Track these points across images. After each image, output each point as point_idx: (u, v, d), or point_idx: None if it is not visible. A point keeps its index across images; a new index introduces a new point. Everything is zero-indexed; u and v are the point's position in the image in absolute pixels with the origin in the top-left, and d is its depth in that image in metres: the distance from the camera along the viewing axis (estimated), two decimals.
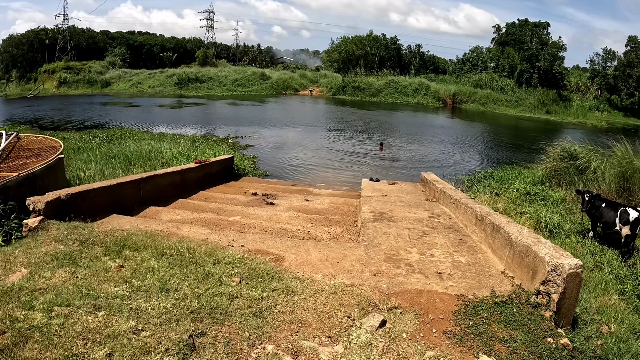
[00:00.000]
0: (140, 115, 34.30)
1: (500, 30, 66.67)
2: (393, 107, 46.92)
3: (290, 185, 11.96)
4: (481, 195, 11.91)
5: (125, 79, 70.51)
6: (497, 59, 61.38)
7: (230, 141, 20.95)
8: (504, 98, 53.50)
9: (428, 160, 19.36)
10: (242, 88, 60.13)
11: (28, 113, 37.46)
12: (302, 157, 18.33)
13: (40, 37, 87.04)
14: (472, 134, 30.37)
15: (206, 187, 10.58)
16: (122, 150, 14.94)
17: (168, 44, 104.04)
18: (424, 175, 10.74)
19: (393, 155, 19.81)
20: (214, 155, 13.95)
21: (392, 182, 11.02)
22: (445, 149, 22.86)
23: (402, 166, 17.78)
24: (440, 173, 16.21)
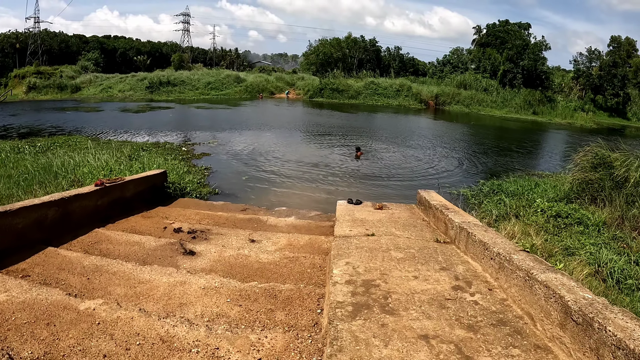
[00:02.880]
0: (98, 120, 30.99)
1: (480, 32, 64.58)
2: (373, 110, 43.68)
3: (240, 210, 8.51)
4: (502, 223, 8.56)
5: (95, 83, 67.07)
6: (478, 60, 59.11)
7: (184, 149, 17.45)
8: (489, 99, 51.00)
9: (417, 169, 15.93)
10: (216, 91, 57.10)
11: None
12: (267, 167, 14.77)
13: (11, 41, 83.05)
14: (461, 137, 26.91)
15: (113, 218, 7.14)
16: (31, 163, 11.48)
17: (143, 48, 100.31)
18: (424, 196, 7.32)
19: (375, 164, 16.30)
20: (143, 169, 10.49)
21: (379, 206, 7.60)
22: (435, 153, 19.42)
23: (387, 176, 14.30)
24: (435, 184, 13.05)
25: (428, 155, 18.94)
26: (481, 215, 9.88)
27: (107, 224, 6.97)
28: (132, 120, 30.63)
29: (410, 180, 13.98)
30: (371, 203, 7.88)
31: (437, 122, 36.49)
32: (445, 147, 21.38)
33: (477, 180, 14.43)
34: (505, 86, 53.78)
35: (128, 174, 9.99)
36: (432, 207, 6.66)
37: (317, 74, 65.03)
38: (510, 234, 7.46)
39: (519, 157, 20.70)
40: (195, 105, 43.30)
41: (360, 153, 17.49)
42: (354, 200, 7.87)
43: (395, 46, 77.71)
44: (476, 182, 14.11)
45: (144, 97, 55.09)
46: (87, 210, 6.82)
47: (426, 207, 7.04)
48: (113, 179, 7.73)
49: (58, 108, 42.60)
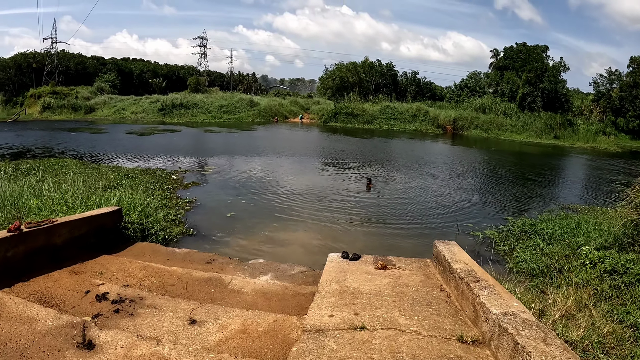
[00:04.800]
0: (100, 143, 29.65)
1: (498, 55, 62.94)
2: (389, 135, 41.67)
3: (204, 263, 6.70)
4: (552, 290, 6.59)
5: (109, 105, 66.59)
6: (496, 83, 57.39)
7: (174, 177, 15.77)
8: (508, 123, 48.66)
9: (434, 202, 13.79)
10: (228, 115, 55.89)
11: None
12: (261, 201, 12.86)
13: (28, 60, 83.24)
14: (481, 164, 24.82)
15: (30, 274, 5.39)
16: None
17: (160, 70, 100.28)
18: (443, 251, 5.41)
19: (385, 197, 14.19)
20: (100, 204, 8.77)
21: (381, 264, 5.73)
22: (454, 183, 17.35)
23: (398, 216, 12.06)
24: (453, 223, 11.13)
25: (446, 185, 16.89)
26: (516, 267, 7.98)
27: (18, 281, 5.24)
28: (133, 143, 29.22)
29: (425, 217, 11.95)
30: (372, 258, 6.02)
31: (455, 148, 34.39)
32: (464, 176, 19.30)
33: (503, 216, 12.40)
34: (524, 110, 51.54)
35: (80, 210, 8.26)
36: (454, 272, 4.78)
37: (333, 98, 63.45)
38: (565, 312, 5.53)
39: (547, 186, 18.61)
40: (204, 129, 41.87)
41: (371, 185, 15.63)
42: (349, 255, 6.03)
43: (412, 70, 76.42)
44: (502, 218, 12.09)
45: (156, 120, 54.18)
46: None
47: (445, 270, 5.17)
48: (36, 221, 5.99)
49: (66, 129, 41.76)
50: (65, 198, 9.25)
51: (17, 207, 8.41)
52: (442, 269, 5.34)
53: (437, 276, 5.42)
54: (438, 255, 5.60)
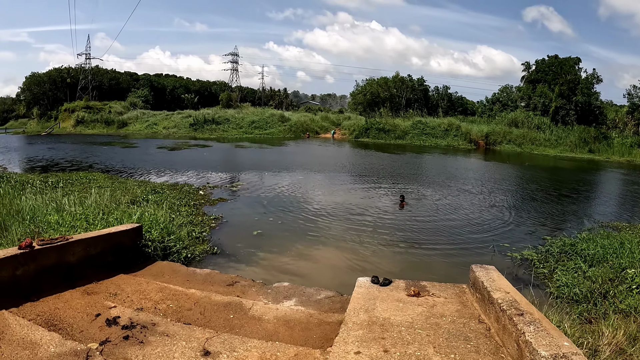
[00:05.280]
0: (130, 157, 30.12)
1: (529, 68, 61.79)
2: (421, 150, 41.01)
3: (225, 285, 6.37)
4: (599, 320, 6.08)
5: (142, 119, 67.88)
6: (528, 97, 56.35)
7: (202, 192, 15.59)
8: (541, 137, 47.45)
9: (468, 221, 13.21)
10: (259, 130, 56.17)
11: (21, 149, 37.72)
12: (289, 218, 12.56)
13: (63, 75, 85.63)
14: (516, 180, 24.00)
15: (40, 293, 5.18)
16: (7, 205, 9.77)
17: (192, 86, 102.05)
18: (481, 278, 4.94)
19: (418, 215, 13.68)
20: (121, 220, 8.56)
21: (414, 290, 5.31)
22: (488, 200, 16.70)
23: (431, 234, 11.56)
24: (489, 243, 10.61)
25: (479, 202, 16.26)
26: (557, 291, 7.44)
27: (27, 301, 5.02)
28: (163, 158, 29.49)
29: (459, 236, 11.36)
30: (404, 283, 5.60)
31: (488, 164, 33.50)
32: (498, 193, 18.56)
33: (540, 235, 11.75)
34: (557, 123, 50.26)
35: (100, 226, 8.07)
36: (494, 303, 4.33)
37: (364, 114, 63.36)
38: (616, 347, 5.01)
39: (583, 203, 17.79)
40: (235, 144, 42.08)
41: (405, 203, 15.14)
42: (380, 280, 5.62)
43: (443, 85, 76.02)
44: (539, 237, 11.44)
45: (187, 135, 54.85)
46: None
47: (484, 299, 4.72)
48: (49, 238, 5.78)
49: (98, 143, 42.55)
50: (86, 213, 9.11)
51: (36, 221, 8.28)
52: (480, 297, 4.88)
53: (474, 305, 4.98)
54: (475, 281, 5.15)
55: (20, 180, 16.36)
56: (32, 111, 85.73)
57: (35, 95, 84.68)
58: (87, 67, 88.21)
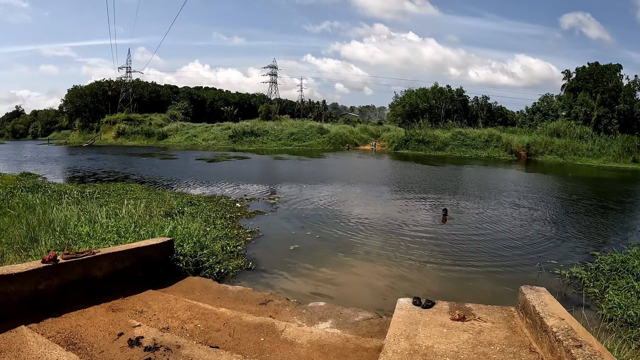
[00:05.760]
0: (169, 168, 30.65)
1: (570, 76, 60.31)
2: (461, 162, 40.17)
3: (258, 304, 6.04)
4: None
5: (182, 131, 69.13)
6: (569, 106, 55.17)
7: (238, 205, 15.42)
8: (584, 147, 46.22)
9: (512, 236, 12.41)
10: (298, 142, 56.40)
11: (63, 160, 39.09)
12: (327, 232, 12.14)
13: (104, 88, 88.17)
14: (558, 193, 22.86)
15: (62, 309, 4.98)
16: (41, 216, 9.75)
17: (232, 99, 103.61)
18: (531, 301, 4.42)
19: (459, 230, 13.03)
20: (152, 233, 8.35)
21: (459, 314, 4.84)
22: (531, 214, 15.78)
23: (474, 250, 10.88)
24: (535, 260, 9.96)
25: (522, 216, 15.38)
26: (609, 313, 6.84)
27: (48, 316, 4.82)
28: (202, 170, 29.64)
29: (503, 252, 10.66)
30: (448, 306, 5.15)
31: (529, 175, 32.30)
32: (541, 205, 17.60)
33: (587, 251, 10.93)
34: (600, 132, 48.95)
35: (131, 239, 7.88)
36: (547, 331, 3.84)
37: (403, 125, 63.10)
38: None
39: (629, 216, 16.71)
40: (273, 156, 42.24)
41: (447, 217, 14.57)
42: (422, 301, 5.19)
43: (482, 95, 75.14)
44: (587, 253, 10.65)
45: (226, 147, 55.44)
46: (16, 297, 4.72)
47: (535, 325, 4.23)
48: (75, 252, 5.58)
49: (137, 154, 43.32)
50: (117, 226, 8.96)
51: (67, 233, 8.16)
52: (531, 322, 4.40)
53: (524, 331, 4.49)
54: (526, 304, 4.66)
55: (57, 190, 16.57)
56: (74, 123, 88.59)
57: (78, 107, 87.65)
58: (127, 80, 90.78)
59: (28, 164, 35.21)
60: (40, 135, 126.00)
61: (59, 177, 25.33)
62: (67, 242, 7.61)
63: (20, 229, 8.58)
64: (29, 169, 28.99)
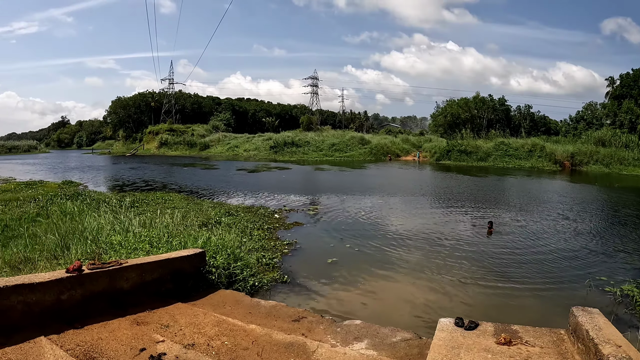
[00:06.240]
0: (209, 178, 30.94)
1: (614, 83, 58.52)
2: (504, 172, 39.02)
3: (290, 320, 5.73)
4: None
5: (223, 142, 70.14)
6: (613, 114, 53.67)
7: (277, 215, 15.20)
8: (630, 156, 44.32)
9: (558, 250, 11.63)
10: (340, 153, 56.34)
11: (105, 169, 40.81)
12: (366, 244, 11.77)
13: (147, 100, 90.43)
14: (605, 204, 21.63)
15: (85, 320, 4.80)
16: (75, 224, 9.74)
17: (273, 110, 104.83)
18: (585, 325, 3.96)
19: (503, 244, 12.35)
20: (185, 244, 8.16)
21: (504, 338, 4.40)
22: (577, 227, 14.89)
23: (518, 266, 10.17)
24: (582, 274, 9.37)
25: (568, 229, 14.55)
26: None
27: (70, 327, 4.64)
28: (242, 180, 29.77)
29: (549, 268, 9.99)
30: (493, 327, 4.72)
31: (574, 186, 30.89)
32: (588, 218, 16.58)
33: (638, 266, 10.30)
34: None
35: (163, 250, 7.71)
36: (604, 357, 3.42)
37: (445, 136, 62.58)
38: None
39: None
40: (314, 167, 42.20)
41: (492, 230, 13.97)
42: (465, 322, 4.79)
43: (525, 104, 73.71)
44: (638, 269, 9.98)
45: (267, 157, 55.82)
46: (37, 307, 4.57)
47: (589, 352, 3.75)
48: (101, 262, 5.40)
49: (179, 164, 43.98)
50: (150, 236, 8.83)
51: (99, 242, 8.07)
52: (584, 349, 3.94)
53: (575, 358, 4.03)
54: (577, 328, 4.21)
55: (96, 198, 16.75)
56: (118, 133, 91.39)
57: (121, 118, 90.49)
58: (170, 91, 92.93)
59: (71, 172, 36.25)
60: (84, 145, 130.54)
61: (100, 186, 25.90)
62: (98, 251, 7.52)
63: (53, 237, 8.56)
64: (71, 177, 29.76)
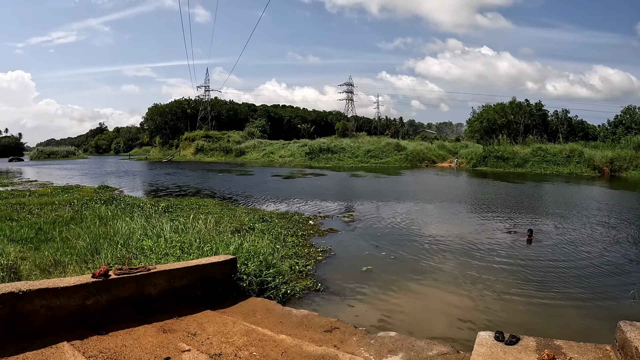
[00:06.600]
0: (244, 184, 31.03)
1: None
2: (541, 179, 37.86)
3: (322, 331, 5.47)
4: None
5: (259, 148, 70.72)
6: None
7: (311, 222, 14.99)
8: None
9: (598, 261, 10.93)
10: (375, 159, 56.12)
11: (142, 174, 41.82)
12: (402, 252, 11.40)
13: (183, 106, 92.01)
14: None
15: (109, 326, 4.69)
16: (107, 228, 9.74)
17: (309, 116, 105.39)
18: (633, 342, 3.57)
19: (543, 253, 11.76)
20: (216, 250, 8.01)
21: (547, 354, 4.04)
22: (615, 236, 14.01)
23: (559, 276, 9.60)
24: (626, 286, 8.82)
25: (609, 238, 13.77)
26: None
27: (95, 333, 4.51)
28: (277, 186, 29.75)
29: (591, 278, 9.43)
30: (535, 342, 4.39)
31: (614, 192, 29.48)
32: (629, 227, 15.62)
33: None
34: None
35: (194, 256, 7.58)
36: None
37: (481, 142, 61.64)
38: None
39: None
40: (350, 173, 42.00)
41: (532, 238, 13.43)
42: (505, 336, 4.47)
43: (562, 109, 72.08)
44: None
45: (303, 163, 55.88)
46: (61, 312, 4.47)
47: None
48: (128, 268, 5.27)
49: (214, 170, 44.36)
50: (182, 241, 8.73)
51: (129, 246, 7.99)
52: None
53: None
54: (625, 344, 3.86)
55: (131, 203, 16.87)
56: (155, 139, 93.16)
57: (158, 124, 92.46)
58: (206, 99, 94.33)
59: (108, 177, 37.01)
60: (122, 151, 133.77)
61: (135, 191, 26.22)
62: (128, 255, 7.43)
63: (85, 241, 8.54)
64: (107, 182, 30.27)
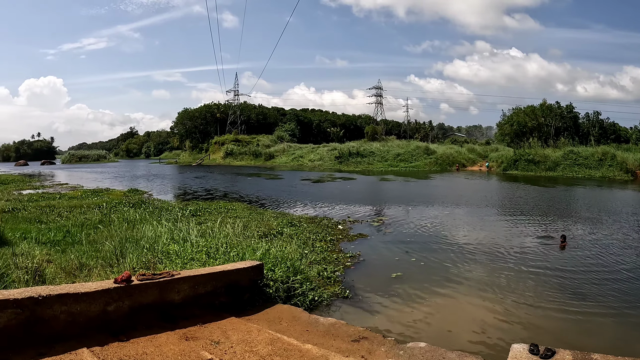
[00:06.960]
0: (274, 188, 30.96)
1: None
2: (573, 182, 36.97)
3: (350, 341, 5.25)
4: None
5: (288, 152, 71.05)
6: None
7: (340, 227, 14.80)
8: None
9: (633, 270, 10.29)
10: (405, 163, 55.80)
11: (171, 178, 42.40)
12: (432, 258, 11.13)
13: (212, 111, 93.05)
14: None
15: (131, 333, 4.62)
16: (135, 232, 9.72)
17: (338, 120, 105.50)
18: None
19: (579, 259, 11.28)
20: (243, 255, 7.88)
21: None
22: None
23: (594, 285, 9.12)
24: None
25: None
26: None
27: (115, 340, 4.42)
28: (306, 190, 29.62)
29: (626, 287, 8.80)
30: (571, 355, 4.16)
31: None
32: None
33: None
34: None
35: (220, 261, 7.48)
36: None
37: (512, 145, 60.67)
38: None
39: None
40: (379, 177, 41.65)
41: (565, 244, 12.97)
42: (540, 350, 4.24)
43: (594, 111, 70.53)
44: None
45: (332, 167, 55.81)
46: (82, 317, 4.39)
47: None
48: (151, 273, 5.17)
49: (244, 174, 44.54)
50: (208, 246, 8.63)
51: (155, 251, 7.93)
52: None
53: None
54: None
55: (160, 206, 16.93)
56: (185, 143, 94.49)
57: (188, 129, 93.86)
58: (235, 103, 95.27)
59: (138, 181, 37.51)
60: (152, 155, 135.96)
61: (165, 194, 26.41)
62: (154, 260, 7.36)
63: (111, 244, 8.52)
64: (137, 186, 30.61)
